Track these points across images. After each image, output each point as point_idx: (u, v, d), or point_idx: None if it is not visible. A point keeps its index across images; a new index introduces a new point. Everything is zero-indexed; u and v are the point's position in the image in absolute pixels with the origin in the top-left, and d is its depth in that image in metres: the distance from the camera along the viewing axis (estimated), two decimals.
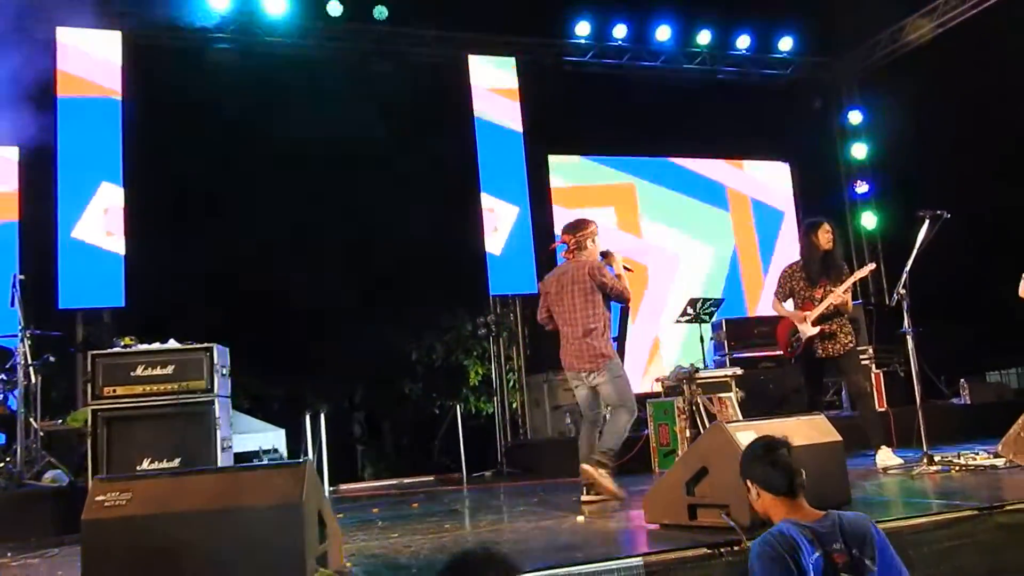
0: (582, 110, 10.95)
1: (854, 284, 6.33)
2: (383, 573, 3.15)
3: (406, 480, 9.32)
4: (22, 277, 6.79)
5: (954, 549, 3.44)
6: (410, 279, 12.03)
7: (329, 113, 9.71)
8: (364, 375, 13.16)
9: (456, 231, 10.59)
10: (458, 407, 9.03)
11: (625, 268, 5.56)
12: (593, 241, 5.48)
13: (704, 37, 11.31)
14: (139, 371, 5.49)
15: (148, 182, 8.94)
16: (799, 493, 2.74)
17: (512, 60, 10.63)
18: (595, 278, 5.27)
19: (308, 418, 8.29)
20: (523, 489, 6.95)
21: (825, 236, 6.15)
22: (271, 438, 9.71)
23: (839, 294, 6.04)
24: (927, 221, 5.67)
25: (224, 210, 10.06)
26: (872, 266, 6.83)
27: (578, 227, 5.51)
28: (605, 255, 5.50)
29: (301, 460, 3.03)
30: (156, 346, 5.65)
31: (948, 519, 3.53)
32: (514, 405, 10.36)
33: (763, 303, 10.96)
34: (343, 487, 8.77)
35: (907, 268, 5.69)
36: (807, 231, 6.29)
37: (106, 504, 2.87)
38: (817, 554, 2.49)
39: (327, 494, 7.70)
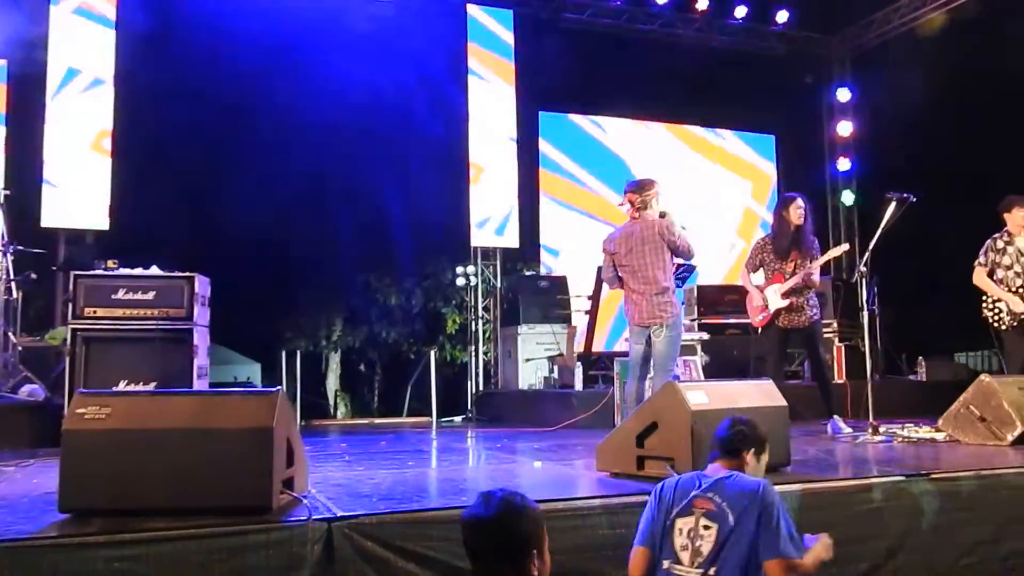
0: (576, 68, 10.97)
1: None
2: (344, 499, 3.36)
3: (377, 420, 9.56)
4: (7, 192, 6.87)
5: (876, 511, 3.69)
6: (394, 225, 12.12)
7: (321, 56, 9.70)
8: (343, 316, 13.35)
9: (443, 181, 10.69)
10: (432, 353, 9.21)
11: (682, 228, 5.64)
12: (656, 201, 5.55)
13: (702, 3, 11.35)
14: (120, 294, 5.62)
15: (140, 108, 8.94)
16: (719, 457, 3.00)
17: (510, 12, 10.65)
18: (665, 236, 5.38)
19: (284, 354, 8.48)
20: (489, 435, 7.20)
21: (796, 212, 6.28)
22: (247, 371, 9.90)
23: (811, 270, 6.20)
24: (894, 203, 5.84)
25: (214, 146, 10.08)
26: (845, 247, 6.96)
27: (644, 187, 5.58)
28: (663, 215, 5.56)
29: (274, 388, 3.20)
30: (139, 271, 5.77)
31: (872, 483, 3.77)
32: (487, 355, 10.60)
33: (734, 272, 11.18)
34: (315, 422, 9.00)
35: (870, 247, 5.87)
36: (780, 206, 6.44)
37: (86, 417, 3.03)
38: (693, 493, 2.77)
39: (298, 428, 7.91)
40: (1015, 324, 6.23)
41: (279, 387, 3.21)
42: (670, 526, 2.76)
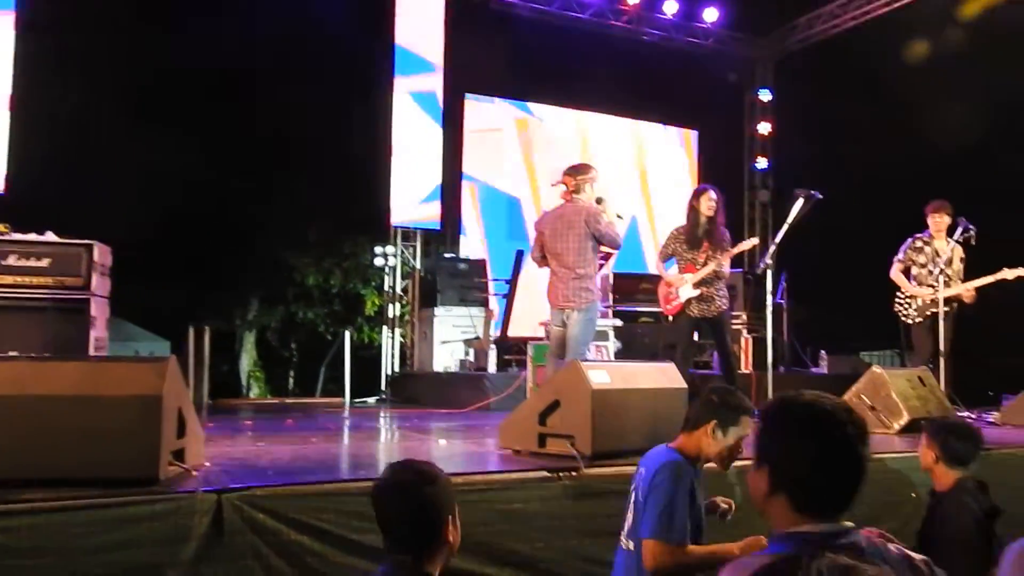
0: (505, 54, 10.98)
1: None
2: (238, 472, 3.30)
3: (289, 400, 9.43)
4: None
5: None
6: (314, 206, 11.96)
7: (240, 20, 9.47)
8: (259, 295, 13.10)
9: (366, 161, 10.57)
10: (347, 334, 9.13)
11: (617, 216, 5.77)
12: (592, 186, 5.60)
13: None
14: (11, 261, 5.38)
15: (43, 70, 8.55)
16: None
17: None
18: (591, 225, 5.44)
19: (192, 332, 8.27)
20: (400, 416, 7.18)
21: (707, 204, 6.42)
22: (152, 348, 9.63)
23: (721, 262, 6.35)
24: (801, 200, 6.03)
25: (123, 114, 9.75)
26: (755, 240, 7.11)
27: (579, 171, 5.65)
28: (599, 201, 5.63)
29: (166, 356, 3.12)
30: (32, 237, 5.53)
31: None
32: (404, 337, 10.55)
33: (651, 261, 11.39)
34: (225, 401, 8.82)
35: (776, 241, 6.05)
36: (692, 197, 6.57)
37: None
38: (642, 470, 2.85)
39: (205, 407, 7.76)
40: (920, 320, 6.55)
41: (172, 355, 3.13)
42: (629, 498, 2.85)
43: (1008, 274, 6.38)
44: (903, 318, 6.76)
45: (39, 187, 8.56)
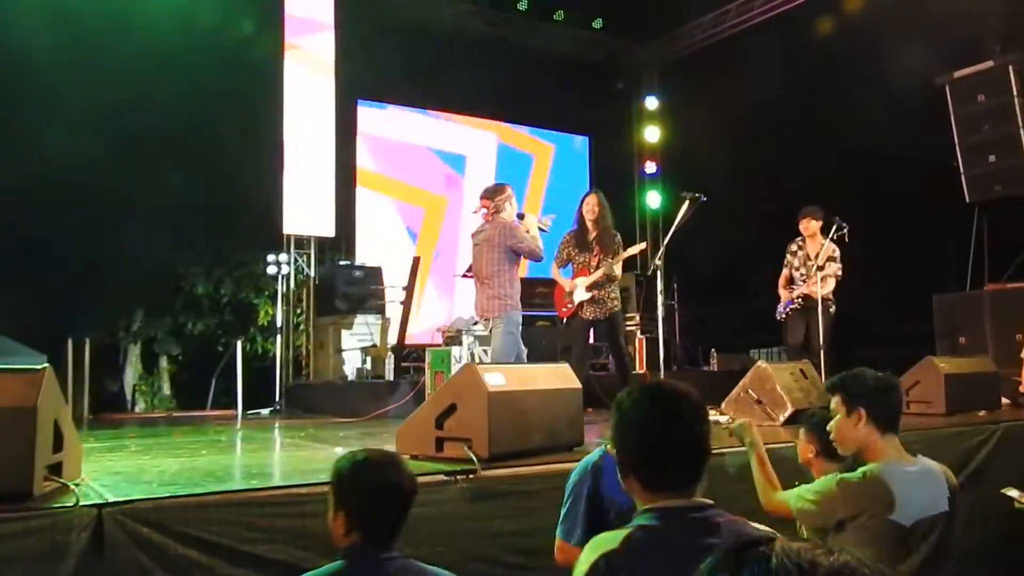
0: (397, 60, 10.92)
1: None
2: (120, 486, 3.17)
3: (177, 413, 9.11)
4: None
5: None
6: (204, 213, 11.57)
7: (123, 24, 9.10)
8: (144, 306, 12.56)
9: (256, 165, 10.32)
10: (239, 344, 8.86)
11: (540, 228, 6.02)
12: (510, 204, 5.88)
13: (521, 4, 11.60)
14: None
15: None
16: None
17: None
18: (506, 239, 5.70)
19: (71, 345, 7.90)
20: (295, 426, 7.04)
21: (587, 208, 6.63)
22: (28, 363, 9.09)
23: (612, 265, 6.52)
24: (687, 202, 6.25)
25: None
26: (642, 245, 7.28)
27: (496, 192, 5.92)
28: (522, 217, 5.92)
29: (40, 367, 2.97)
30: None
31: None
32: (300, 346, 10.34)
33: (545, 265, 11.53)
34: (109, 415, 8.46)
35: (664, 243, 6.25)
36: (580, 203, 6.77)
37: None
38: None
39: (86, 422, 7.43)
40: (783, 318, 7.27)
41: (46, 365, 2.98)
42: None
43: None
44: (778, 317, 7.27)
45: None
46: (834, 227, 6.92)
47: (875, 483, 2.67)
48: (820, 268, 6.90)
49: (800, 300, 7.20)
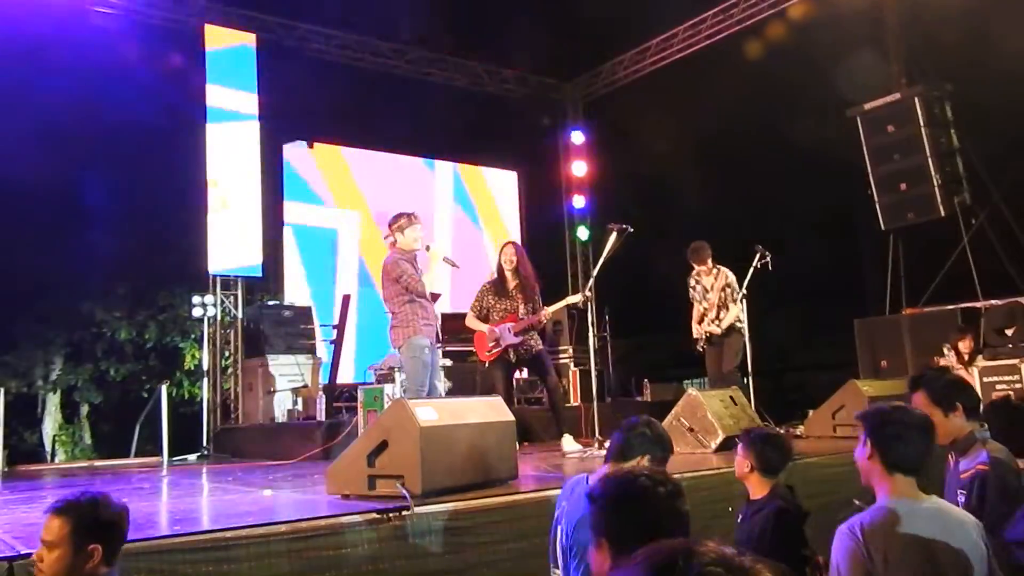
0: (323, 99, 10.92)
1: (556, 289, 6.91)
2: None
3: (99, 463, 8.78)
4: None
5: None
6: (126, 255, 11.29)
7: (42, 64, 8.89)
8: (63, 352, 12.14)
9: (178, 205, 10.13)
10: (164, 389, 8.60)
11: (445, 261, 6.13)
12: (402, 233, 5.90)
13: (447, 43, 11.72)
14: None
15: None
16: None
17: (252, 36, 10.34)
18: (390, 272, 5.83)
19: None
20: (223, 471, 6.84)
21: (505, 258, 6.69)
22: None
23: (547, 312, 6.55)
24: (615, 233, 6.34)
25: None
26: (579, 297, 6.89)
27: (392, 221, 6.00)
28: (428, 249, 6.00)
29: None
30: None
31: None
32: (228, 389, 10.09)
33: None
34: (25, 468, 8.10)
35: (594, 275, 6.32)
36: (498, 253, 6.84)
37: None
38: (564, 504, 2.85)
39: (1, 473, 7.11)
40: (702, 348, 7.44)
41: None
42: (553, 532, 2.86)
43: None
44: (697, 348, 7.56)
45: None
46: (756, 256, 7.09)
47: None
48: (721, 306, 7.25)
49: (707, 335, 7.42)
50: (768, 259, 7.11)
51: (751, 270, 7.13)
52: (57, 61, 9.10)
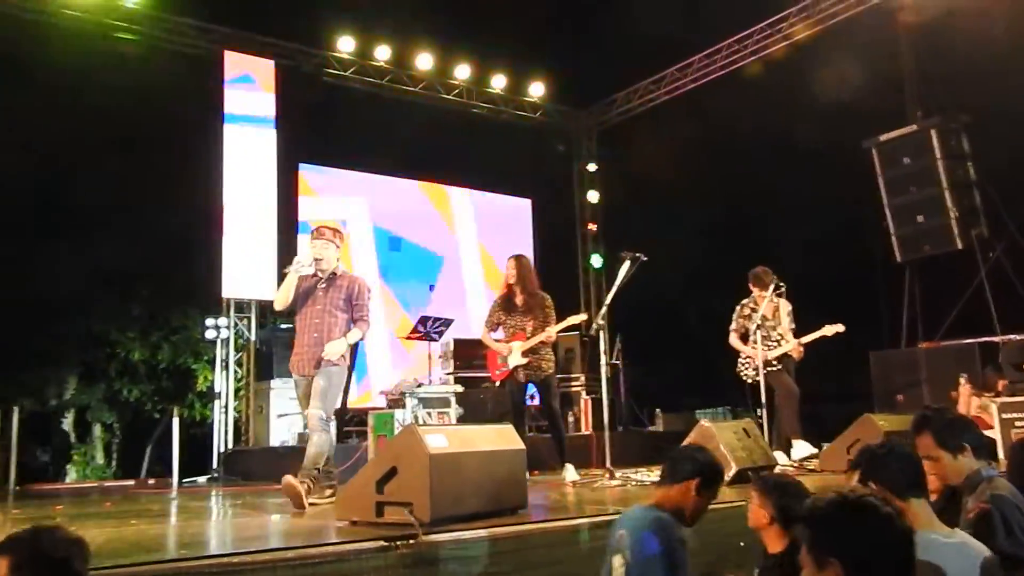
0: (339, 123, 11.02)
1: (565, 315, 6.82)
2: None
3: (109, 483, 8.79)
4: None
5: (603, 548, 3.87)
6: (141, 275, 11.39)
7: (62, 88, 9.02)
8: (77, 372, 12.22)
9: (195, 228, 10.21)
10: (175, 411, 8.63)
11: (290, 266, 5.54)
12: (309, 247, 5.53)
13: (463, 72, 11.83)
14: None
15: None
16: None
17: (271, 63, 10.48)
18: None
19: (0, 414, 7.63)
20: (232, 494, 6.83)
21: (507, 272, 6.63)
22: None
23: (550, 334, 6.48)
24: (628, 262, 6.31)
25: None
26: (583, 316, 6.86)
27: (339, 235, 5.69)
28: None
29: None
30: None
31: (599, 522, 3.97)
32: (239, 412, 10.11)
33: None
34: (36, 487, 8.12)
35: (606, 303, 6.29)
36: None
37: None
38: (621, 532, 2.77)
39: (12, 493, 7.12)
40: (759, 378, 6.94)
41: None
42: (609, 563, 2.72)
43: (828, 330, 6.88)
44: (744, 378, 7.15)
45: None
46: (772, 286, 7.03)
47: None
48: (774, 328, 7.01)
49: (776, 361, 7.03)
50: (783, 289, 7.06)
51: (766, 301, 7.07)
52: (77, 85, 9.21)
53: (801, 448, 6.74)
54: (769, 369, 6.94)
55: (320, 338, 5.32)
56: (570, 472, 6.41)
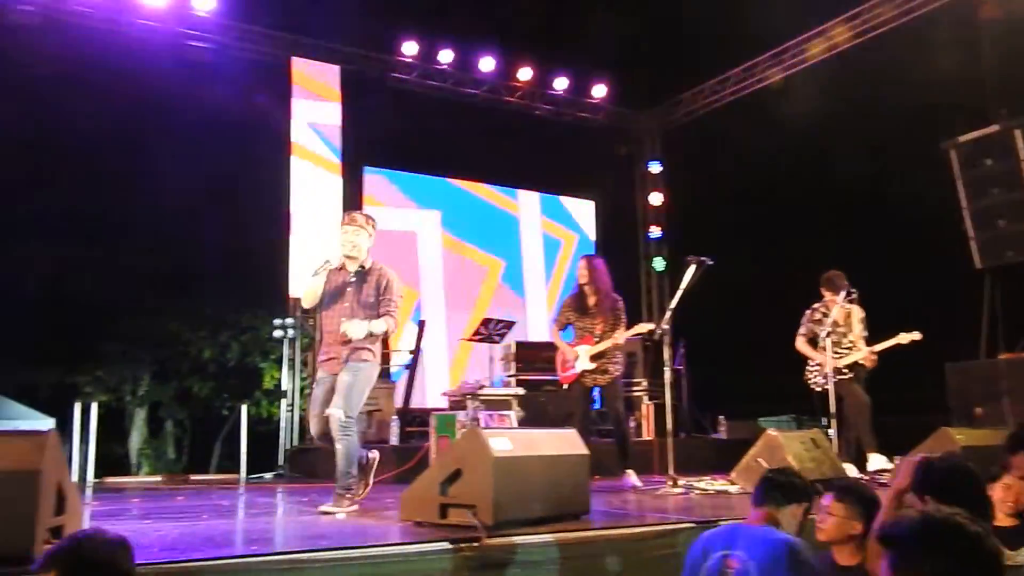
0: (402, 127, 11.11)
1: (630, 319, 6.78)
2: None
3: (180, 477, 9.03)
4: None
5: (667, 557, 3.83)
6: (210, 276, 11.68)
7: (136, 95, 9.31)
8: (150, 369, 12.59)
9: (263, 230, 10.43)
10: (244, 408, 8.83)
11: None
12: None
13: (525, 74, 11.84)
14: None
15: None
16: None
17: (337, 68, 10.67)
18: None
19: (79, 408, 7.91)
20: (299, 491, 6.95)
21: (579, 273, 6.61)
22: (36, 426, 9.07)
23: (618, 340, 6.44)
24: (693, 267, 6.23)
25: (12, 189, 9.38)
26: (650, 325, 6.74)
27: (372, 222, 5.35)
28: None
29: (45, 430, 2.96)
30: None
31: (664, 530, 3.93)
32: (304, 410, 10.27)
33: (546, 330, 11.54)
34: (112, 480, 8.39)
35: (671, 308, 6.21)
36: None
37: None
38: (723, 552, 2.59)
39: (91, 485, 7.37)
40: (816, 386, 6.87)
41: (51, 428, 2.97)
42: None
43: (903, 338, 6.68)
44: (813, 386, 7.00)
45: None
46: (843, 292, 6.87)
47: None
48: (845, 334, 6.85)
49: (847, 369, 6.87)
50: (855, 295, 6.89)
51: (837, 306, 6.91)
52: (149, 92, 9.49)
53: (876, 461, 6.58)
54: (839, 377, 6.77)
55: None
56: (632, 478, 6.36)
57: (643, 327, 6.64)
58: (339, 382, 4.80)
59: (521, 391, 7.93)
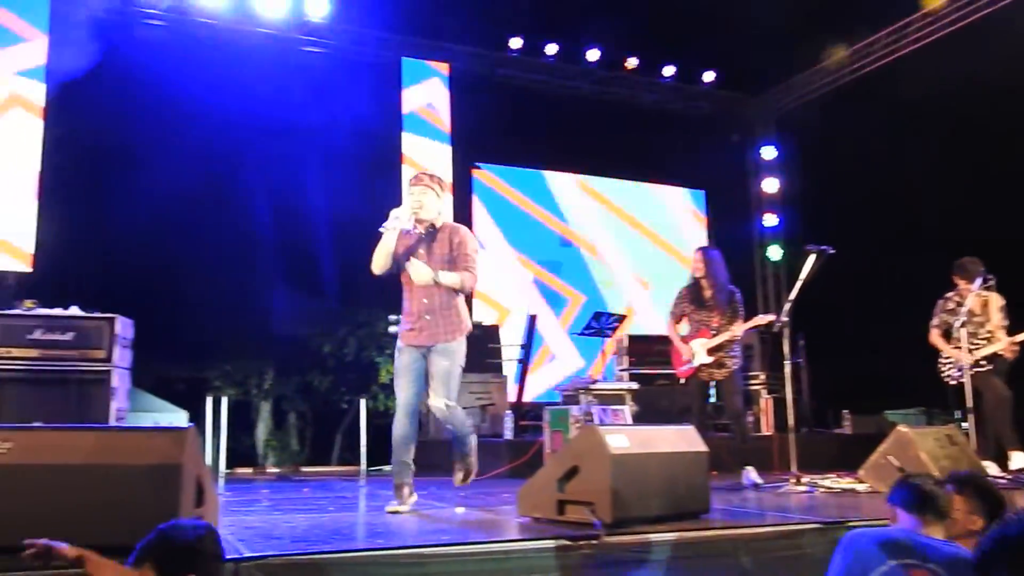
0: (510, 121, 11.18)
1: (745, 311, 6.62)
2: (255, 541, 3.27)
3: (304, 469, 9.38)
4: None
5: (791, 559, 3.72)
6: (328, 273, 12.03)
7: (257, 98, 9.68)
8: (274, 364, 13.08)
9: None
10: (362, 402, 9.08)
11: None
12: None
13: (631, 63, 11.69)
14: (37, 335, 5.50)
15: (65, 149, 8.81)
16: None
17: (446, 66, 10.83)
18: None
19: (210, 401, 8.30)
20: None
21: (694, 265, 6.48)
22: (171, 418, 9.60)
23: (736, 332, 6.30)
24: (813, 256, 6.03)
25: (143, 188, 9.93)
26: (771, 317, 6.52)
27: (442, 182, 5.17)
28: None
29: (185, 426, 3.13)
30: (57, 311, 5.64)
31: (788, 531, 3.82)
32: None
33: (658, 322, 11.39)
34: (241, 471, 8.79)
35: (791, 299, 6.03)
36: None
37: None
38: (908, 562, 2.36)
39: (223, 476, 7.74)
40: (952, 380, 6.58)
41: (191, 424, 3.14)
42: None
43: (763, 319, 6.35)
44: (947, 379, 6.70)
45: (64, 264, 8.72)
46: (979, 279, 6.50)
47: None
48: (982, 324, 6.51)
49: (985, 361, 6.53)
50: (993, 282, 6.51)
51: (972, 295, 6.55)
52: (266, 100, 9.86)
53: (1018, 459, 6.21)
54: (977, 370, 6.42)
55: (431, 304, 4.78)
56: (752, 475, 6.21)
57: (762, 319, 6.46)
58: (436, 367, 4.71)
59: (635, 385, 7.86)
